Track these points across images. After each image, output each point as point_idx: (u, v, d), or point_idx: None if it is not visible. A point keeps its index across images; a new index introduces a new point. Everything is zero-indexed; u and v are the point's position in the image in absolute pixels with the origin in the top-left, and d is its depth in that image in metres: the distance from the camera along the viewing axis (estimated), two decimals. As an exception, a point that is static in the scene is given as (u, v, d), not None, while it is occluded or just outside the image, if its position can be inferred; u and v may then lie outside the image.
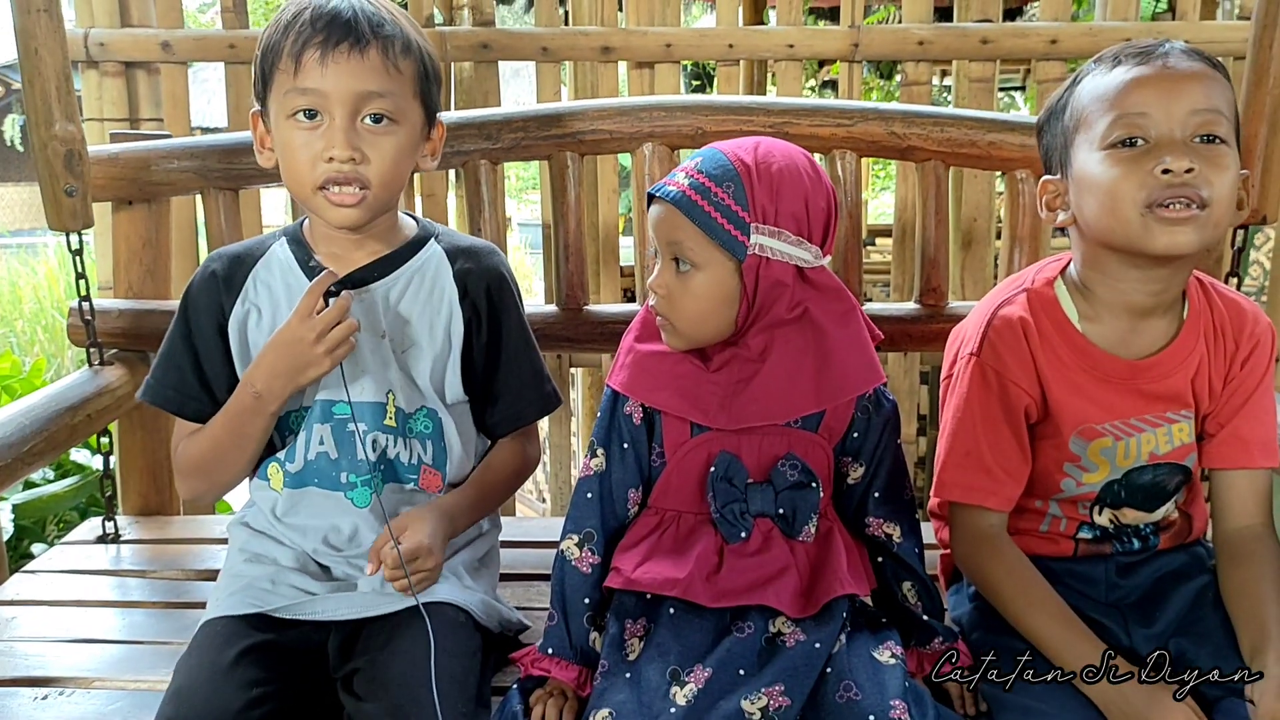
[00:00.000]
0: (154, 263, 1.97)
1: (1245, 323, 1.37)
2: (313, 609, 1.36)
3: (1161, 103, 1.22)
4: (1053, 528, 1.42)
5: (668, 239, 1.31)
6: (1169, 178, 1.20)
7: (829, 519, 1.39)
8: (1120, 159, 1.23)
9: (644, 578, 1.32)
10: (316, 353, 1.36)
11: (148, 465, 2.03)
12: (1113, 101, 1.24)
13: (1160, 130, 1.22)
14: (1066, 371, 1.34)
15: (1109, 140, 1.24)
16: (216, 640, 1.32)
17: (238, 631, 1.32)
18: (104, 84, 2.85)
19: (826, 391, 1.33)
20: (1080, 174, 1.28)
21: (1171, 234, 1.21)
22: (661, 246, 1.33)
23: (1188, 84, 1.22)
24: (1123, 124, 1.23)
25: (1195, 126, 1.21)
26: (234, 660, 1.27)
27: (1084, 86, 1.29)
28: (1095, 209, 1.27)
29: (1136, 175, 1.21)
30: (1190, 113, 1.21)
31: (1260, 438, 1.37)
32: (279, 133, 1.39)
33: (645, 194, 1.37)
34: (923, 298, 1.94)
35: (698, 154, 1.34)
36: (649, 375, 1.36)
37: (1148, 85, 1.23)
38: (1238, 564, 1.34)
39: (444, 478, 1.49)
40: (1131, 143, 1.23)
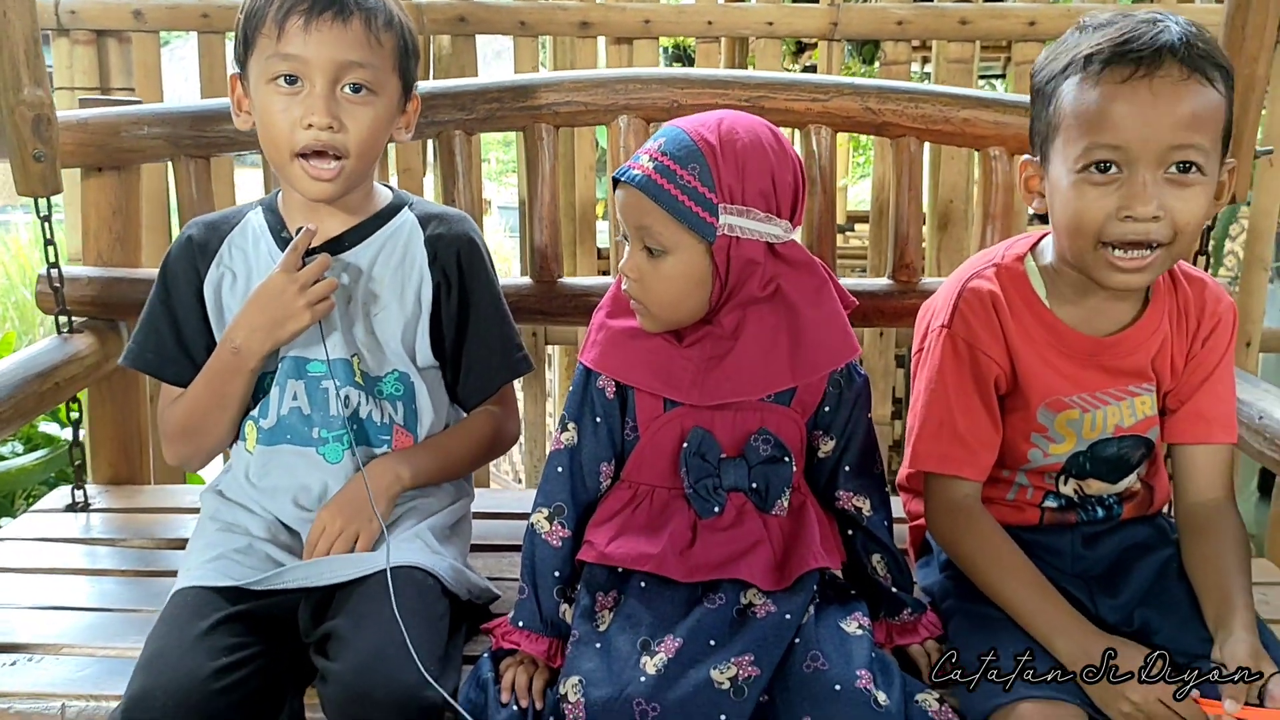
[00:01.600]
0: (124, 230, 1.95)
1: (1208, 301, 1.39)
2: (282, 580, 1.36)
3: (1139, 134, 1.19)
4: (1019, 496, 1.44)
5: (635, 223, 1.31)
6: (1130, 224, 1.21)
7: (802, 493, 1.40)
8: (1089, 188, 1.22)
9: (617, 552, 1.33)
10: (298, 305, 1.39)
11: (117, 435, 2.02)
12: (1090, 124, 1.22)
13: (1134, 164, 1.20)
14: (1035, 345, 1.36)
15: (1082, 164, 1.23)
16: (188, 609, 1.32)
17: (210, 601, 1.33)
18: (75, 52, 2.82)
19: (802, 366, 1.34)
20: (1054, 182, 1.28)
21: (1124, 279, 1.25)
22: (630, 230, 1.32)
23: (1170, 113, 1.19)
24: (1096, 152, 1.21)
25: (1172, 157, 1.20)
26: (207, 629, 1.28)
27: (1068, 90, 1.25)
28: (1060, 223, 1.29)
29: (1100, 211, 1.22)
30: (1168, 148, 1.19)
31: (1220, 414, 1.39)
32: (258, 97, 1.41)
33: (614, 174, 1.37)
34: (895, 273, 1.95)
35: (660, 134, 1.33)
36: (621, 351, 1.37)
37: (1127, 114, 1.19)
38: (1200, 537, 1.36)
39: (415, 440, 1.51)
40: (1104, 168, 1.22)
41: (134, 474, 2.04)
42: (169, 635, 1.29)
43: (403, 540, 1.43)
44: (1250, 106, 1.67)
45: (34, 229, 5.19)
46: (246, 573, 1.38)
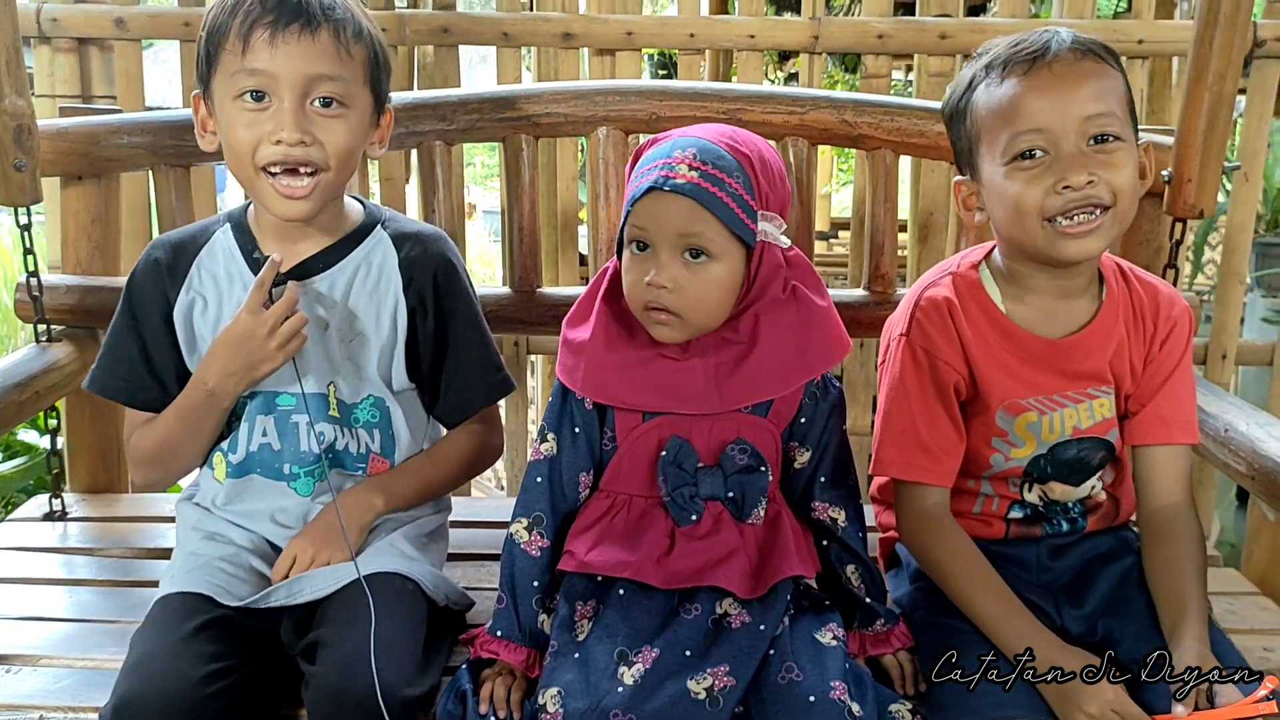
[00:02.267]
0: (103, 239, 1.95)
1: (1162, 305, 1.42)
2: (265, 602, 1.37)
3: (1054, 113, 1.27)
4: (985, 508, 1.46)
5: (681, 230, 1.29)
6: (1069, 193, 1.26)
7: (777, 503, 1.41)
8: (1021, 175, 1.29)
9: (597, 560, 1.35)
10: (270, 348, 1.36)
11: (96, 443, 2.02)
12: (1007, 117, 1.29)
13: (1056, 142, 1.27)
14: (991, 350, 1.39)
15: (1009, 156, 1.29)
16: (175, 615, 1.32)
17: (195, 607, 1.33)
18: (56, 60, 2.79)
19: (814, 361, 1.38)
20: (988, 184, 1.34)
21: (1079, 244, 1.29)
22: (667, 238, 1.30)
23: (1077, 89, 1.27)
24: (1021, 140, 1.28)
25: (1089, 131, 1.27)
26: (192, 633, 1.28)
27: (979, 97, 1.33)
28: (1004, 219, 1.33)
29: (1038, 191, 1.28)
30: (1083, 120, 1.27)
31: (1180, 416, 1.42)
32: (224, 114, 1.37)
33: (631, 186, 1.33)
34: (871, 284, 1.97)
35: (681, 144, 1.32)
36: (615, 375, 1.36)
37: (1038, 97, 1.28)
38: (1159, 542, 1.39)
39: (392, 465, 1.50)
40: (1030, 154, 1.28)
41: (112, 482, 2.03)
42: (157, 639, 1.28)
43: (376, 550, 1.43)
44: (1218, 123, 1.69)
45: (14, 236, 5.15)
46: (232, 583, 1.38)
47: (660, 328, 1.33)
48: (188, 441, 1.46)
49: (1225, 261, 2.76)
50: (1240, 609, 1.62)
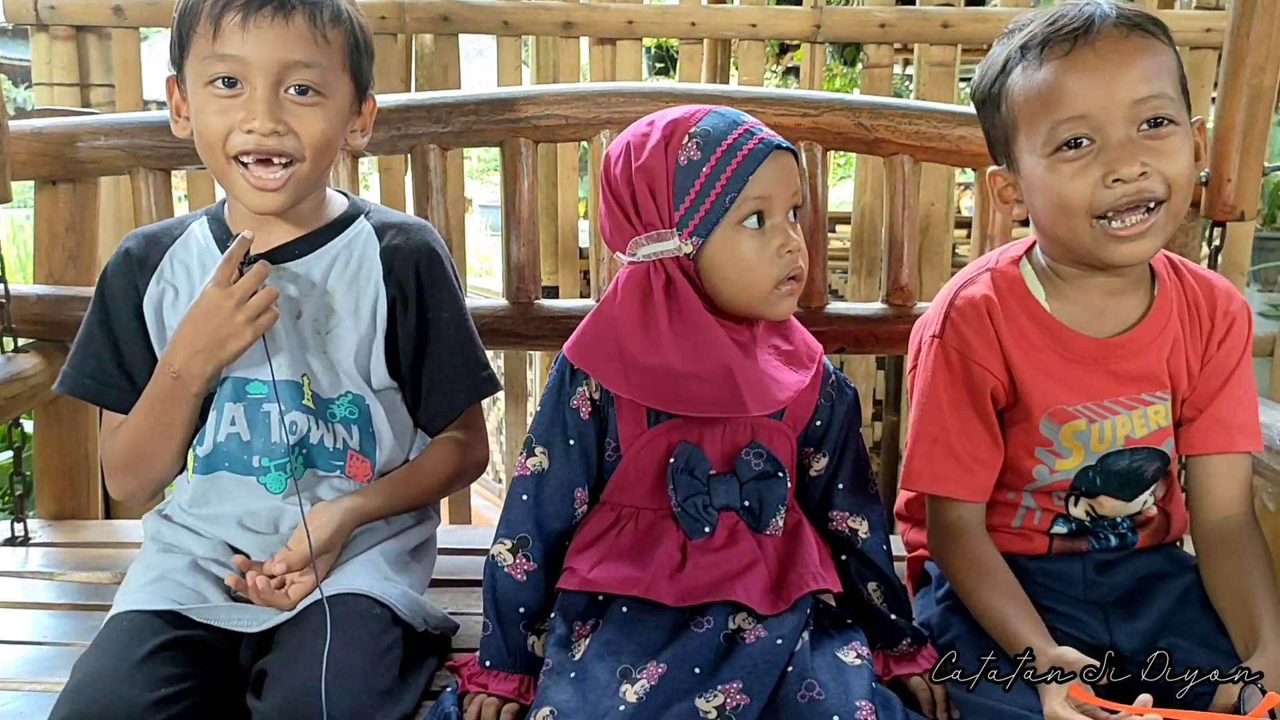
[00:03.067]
0: (77, 248, 1.86)
1: (1219, 300, 1.32)
2: (226, 617, 1.26)
3: (1099, 98, 1.15)
4: (1026, 521, 1.35)
5: (795, 188, 1.25)
6: (1121, 187, 1.15)
7: (796, 512, 1.31)
8: (1066, 166, 1.18)
9: (602, 578, 1.24)
10: (237, 322, 1.27)
11: (64, 466, 1.91)
12: (1048, 103, 1.18)
13: (1103, 129, 1.16)
14: (1034, 352, 1.28)
15: (1052, 146, 1.18)
16: (125, 635, 1.22)
17: (149, 626, 1.23)
18: (54, 48, 2.78)
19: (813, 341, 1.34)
20: (1028, 176, 1.24)
21: (1132, 247, 1.18)
22: (785, 200, 1.24)
23: (1124, 70, 1.16)
24: (1064, 129, 1.17)
25: (1141, 115, 1.16)
26: (145, 656, 1.18)
27: (1015, 82, 1.22)
28: (1047, 215, 1.23)
29: (1085, 184, 1.17)
30: (1133, 103, 1.15)
31: (1242, 420, 1.31)
32: (195, 100, 1.30)
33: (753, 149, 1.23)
34: (890, 297, 1.87)
35: (736, 114, 1.26)
36: (757, 382, 1.25)
37: (1081, 80, 1.16)
38: (1222, 557, 1.28)
39: (373, 465, 1.40)
40: (1075, 144, 1.17)
41: (79, 508, 1.92)
42: (102, 661, 1.18)
43: (352, 566, 1.33)
44: (1258, 118, 1.61)
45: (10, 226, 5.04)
46: (189, 595, 1.28)
47: (789, 300, 1.26)
48: (158, 439, 1.35)
49: (1226, 254, 2.66)
50: None
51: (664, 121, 1.26)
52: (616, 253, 1.29)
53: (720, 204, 1.21)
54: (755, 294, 1.24)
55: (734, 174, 1.21)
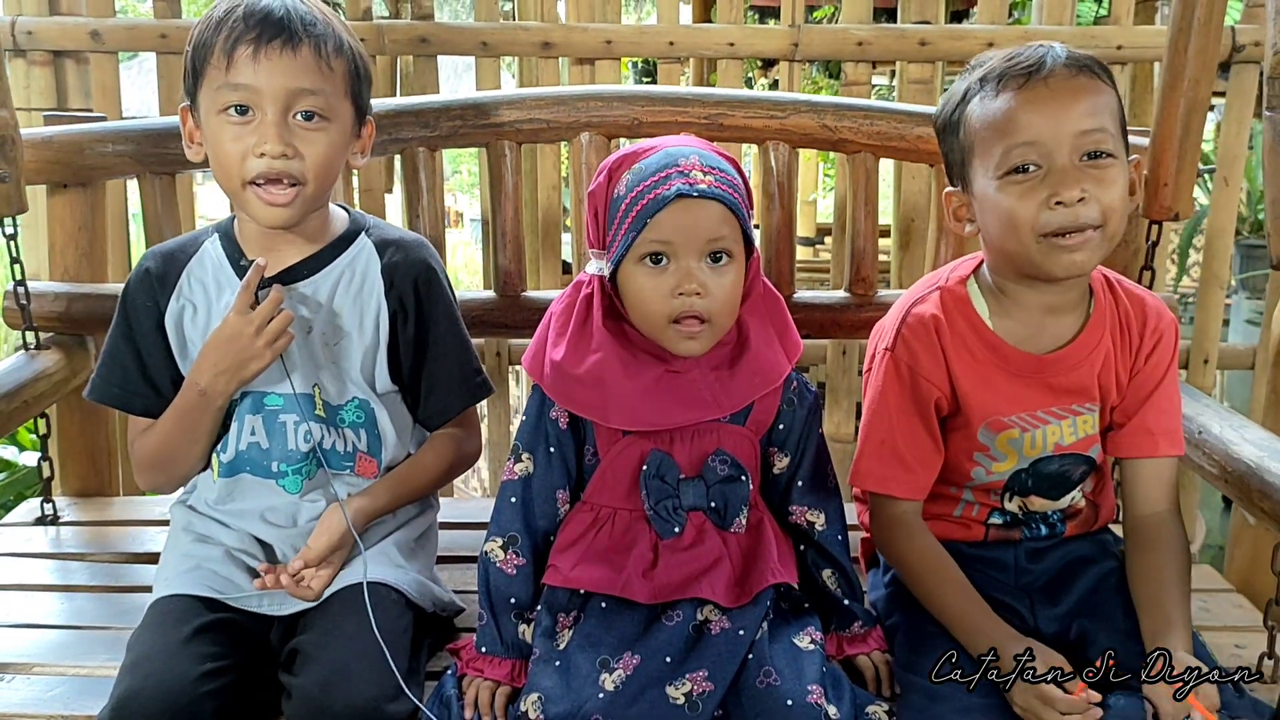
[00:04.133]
0: (90, 246, 1.96)
1: (1149, 317, 1.44)
2: (258, 603, 1.41)
3: (1049, 127, 1.28)
4: (965, 513, 1.49)
5: (711, 235, 1.31)
6: (1062, 210, 1.27)
7: (759, 510, 1.44)
8: (1015, 189, 1.30)
9: (583, 576, 1.37)
10: (257, 346, 1.40)
11: (85, 448, 2.04)
12: (1001, 130, 1.30)
13: (1050, 156, 1.28)
14: (977, 366, 1.40)
15: (1003, 170, 1.30)
16: (171, 616, 1.36)
17: (191, 609, 1.37)
18: (31, 73, 2.77)
19: (789, 349, 1.43)
20: (980, 196, 1.35)
21: (1071, 259, 1.30)
22: (694, 245, 1.31)
23: (1072, 104, 1.28)
24: (1015, 154, 1.29)
25: (1083, 146, 1.28)
26: (189, 635, 1.32)
27: (973, 110, 1.34)
28: (996, 232, 1.34)
29: (1032, 206, 1.29)
30: (1077, 135, 1.28)
31: (1165, 428, 1.44)
32: (209, 128, 1.41)
33: (661, 195, 1.30)
34: (852, 287, 1.99)
35: (678, 153, 1.33)
36: (643, 401, 1.36)
37: (1033, 112, 1.28)
38: (1144, 549, 1.41)
39: (380, 464, 1.53)
40: (1024, 169, 1.29)
41: (102, 486, 2.05)
42: (154, 640, 1.32)
43: (369, 556, 1.45)
44: (1193, 126, 1.70)
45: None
46: (225, 584, 1.42)
47: (689, 342, 1.33)
48: (185, 444, 1.49)
49: (1206, 266, 2.76)
50: (1214, 606, 1.65)
51: (621, 154, 1.39)
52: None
53: (626, 240, 1.32)
54: (651, 327, 1.35)
55: (637, 215, 1.31)
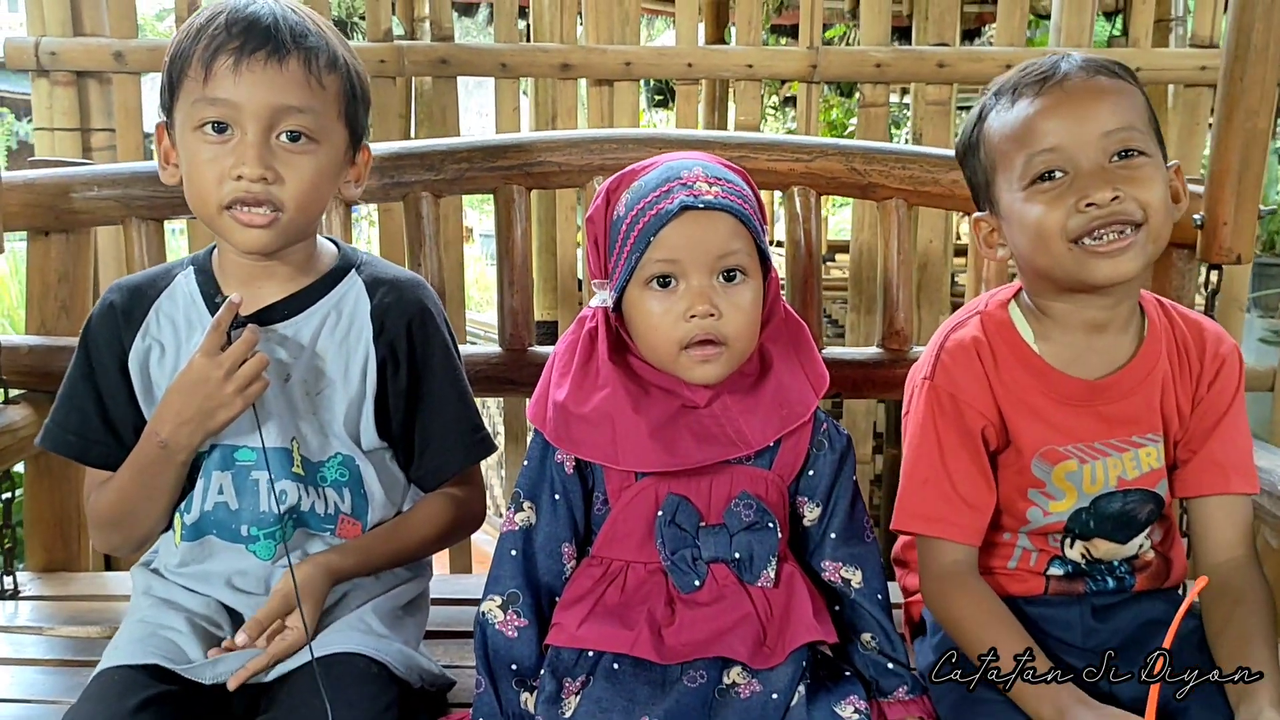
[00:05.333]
0: (70, 298, 1.86)
1: (1209, 343, 1.32)
2: (214, 671, 1.24)
3: (1070, 132, 1.19)
4: (1022, 563, 1.34)
5: (721, 250, 1.19)
6: (1094, 210, 1.17)
7: (789, 562, 1.29)
8: (1041, 197, 1.21)
9: (589, 634, 1.22)
10: (226, 393, 1.25)
11: (55, 518, 1.89)
12: (1021, 139, 1.22)
13: (1075, 160, 1.19)
14: (1024, 393, 1.28)
15: (1027, 179, 1.22)
16: (114, 689, 1.20)
17: (138, 681, 1.21)
18: (55, 93, 2.79)
19: (816, 381, 1.30)
20: (1007, 213, 1.26)
21: (1111, 265, 1.19)
22: (704, 262, 1.19)
23: (1092, 105, 1.20)
24: (1037, 162, 1.21)
25: (1111, 147, 1.19)
26: (135, 708, 1.16)
27: (991, 124, 1.27)
28: (1027, 247, 1.25)
29: (1059, 212, 1.19)
30: (1102, 135, 1.19)
31: (1236, 462, 1.30)
32: (185, 145, 1.29)
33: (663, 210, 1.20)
34: (885, 341, 1.86)
35: (681, 166, 1.23)
36: (653, 441, 1.22)
37: (1052, 116, 1.20)
38: (1220, 601, 1.26)
39: (364, 526, 1.38)
40: (1050, 176, 1.20)
41: (70, 560, 1.90)
42: (94, 713, 1.16)
43: (342, 625, 1.31)
44: (1253, 160, 1.60)
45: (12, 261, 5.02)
46: (177, 653, 1.25)
47: (704, 368, 1.21)
48: (144, 501, 1.33)
49: (1224, 287, 2.67)
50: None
51: (620, 174, 1.28)
52: None
53: (629, 263, 1.20)
54: (662, 355, 1.22)
55: (639, 234, 1.19)
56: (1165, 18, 3.13)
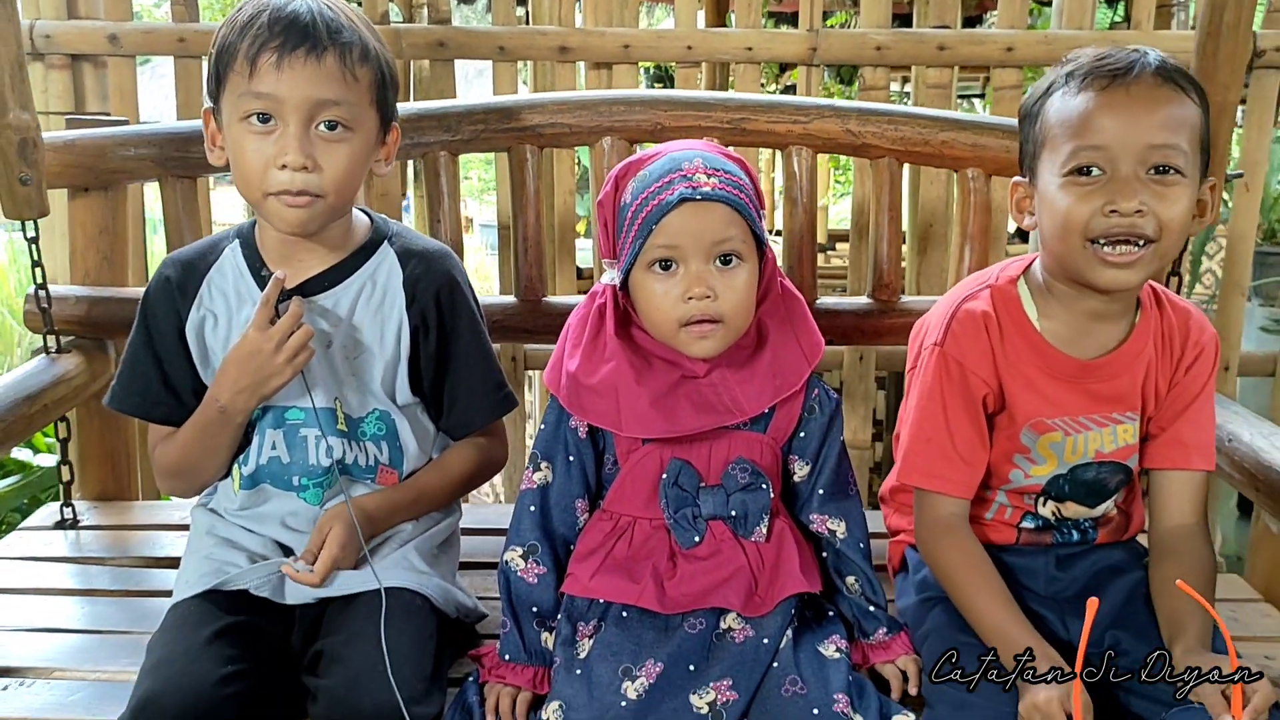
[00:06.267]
0: (111, 250, 1.96)
1: (1192, 331, 1.43)
2: (278, 592, 1.39)
3: (1119, 134, 1.26)
4: (998, 515, 1.47)
5: (717, 238, 1.30)
6: (1115, 218, 1.25)
7: (781, 518, 1.42)
8: (1074, 189, 1.28)
9: (601, 586, 1.37)
10: (277, 363, 1.38)
11: (105, 452, 2.03)
12: (1074, 129, 1.28)
13: (1115, 163, 1.26)
14: (1023, 366, 1.39)
15: (1067, 169, 1.29)
16: (190, 619, 1.35)
17: (210, 612, 1.35)
18: (49, 77, 2.79)
19: (809, 350, 1.41)
20: (1042, 192, 1.34)
21: (1115, 274, 1.29)
22: (701, 249, 1.30)
23: (1148, 115, 1.26)
24: (1081, 155, 1.28)
25: (1151, 159, 1.26)
26: (209, 638, 1.30)
27: (1053, 103, 1.33)
28: (1049, 231, 1.33)
29: (1085, 210, 1.27)
30: (1147, 147, 1.25)
31: (1199, 442, 1.43)
32: (231, 135, 1.39)
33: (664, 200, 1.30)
34: (875, 293, 1.97)
35: (681, 157, 1.34)
36: (655, 408, 1.35)
37: (1108, 115, 1.27)
38: (1167, 560, 1.40)
39: (401, 475, 1.52)
40: (1087, 171, 1.28)
41: (122, 490, 2.05)
42: (174, 642, 1.31)
43: (389, 563, 1.45)
44: (1220, 132, 1.69)
45: (10, 249, 5.07)
46: (243, 577, 1.40)
47: (701, 343, 1.33)
48: (205, 457, 1.48)
49: (1227, 273, 2.75)
50: (1243, 615, 1.63)
51: (627, 161, 1.39)
52: None
53: (634, 248, 1.32)
54: (663, 331, 1.34)
55: (643, 222, 1.30)
56: (1167, 2, 3.07)
